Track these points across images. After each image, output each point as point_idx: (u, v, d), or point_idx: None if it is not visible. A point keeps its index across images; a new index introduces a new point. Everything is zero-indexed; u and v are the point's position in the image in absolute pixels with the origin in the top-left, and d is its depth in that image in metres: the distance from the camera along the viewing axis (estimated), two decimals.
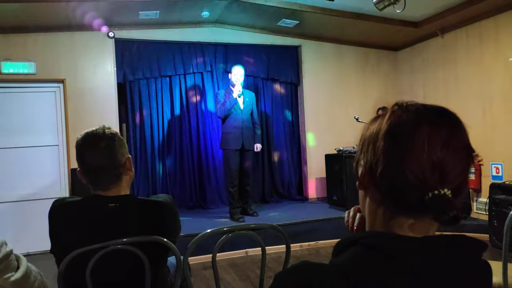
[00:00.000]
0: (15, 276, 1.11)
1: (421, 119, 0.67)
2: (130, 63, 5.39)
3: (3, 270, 1.10)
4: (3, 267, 1.10)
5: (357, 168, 0.75)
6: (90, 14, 4.59)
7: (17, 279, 1.11)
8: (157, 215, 1.54)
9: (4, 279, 1.09)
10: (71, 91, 4.96)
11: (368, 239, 0.66)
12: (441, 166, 0.64)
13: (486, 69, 4.90)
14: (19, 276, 1.12)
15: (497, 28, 4.74)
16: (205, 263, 3.89)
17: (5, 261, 1.11)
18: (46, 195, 4.69)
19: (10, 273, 1.11)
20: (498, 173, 4.70)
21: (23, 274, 1.13)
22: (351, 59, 6.35)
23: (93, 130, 1.51)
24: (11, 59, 4.71)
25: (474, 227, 4.56)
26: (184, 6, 4.83)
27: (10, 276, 1.10)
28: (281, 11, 5.05)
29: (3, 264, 1.10)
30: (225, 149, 5.00)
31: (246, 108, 5.00)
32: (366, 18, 5.13)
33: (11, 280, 1.10)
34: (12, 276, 1.11)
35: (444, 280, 0.63)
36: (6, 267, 1.11)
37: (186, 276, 1.54)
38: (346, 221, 0.89)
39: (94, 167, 1.47)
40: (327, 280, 0.61)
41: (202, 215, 5.33)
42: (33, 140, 4.81)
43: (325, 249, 4.36)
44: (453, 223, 0.63)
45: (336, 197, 5.50)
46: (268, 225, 1.70)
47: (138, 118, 5.57)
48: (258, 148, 5.15)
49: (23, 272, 1.14)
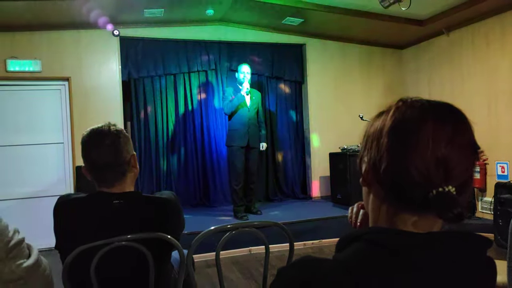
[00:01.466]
0: (27, 263, 1.13)
1: (425, 115, 0.66)
2: (135, 61, 5.41)
3: (15, 257, 1.12)
4: (16, 254, 1.12)
5: (361, 165, 0.75)
6: (95, 12, 4.61)
7: (29, 265, 1.13)
8: (161, 211, 1.54)
9: (17, 265, 1.11)
10: (76, 89, 4.98)
11: (371, 234, 0.66)
12: (446, 163, 0.64)
13: (492, 67, 4.86)
14: (30, 263, 1.14)
15: (503, 26, 4.70)
16: (208, 261, 3.89)
17: (18, 247, 1.13)
18: (51, 192, 4.71)
19: (22, 260, 1.13)
20: (503, 172, 4.67)
21: (34, 261, 1.16)
22: (355, 57, 6.32)
23: (99, 127, 1.51)
24: (17, 57, 4.74)
25: (479, 226, 4.53)
26: (189, 4, 4.83)
27: (22, 263, 1.12)
28: (286, 9, 5.04)
29: (16, 251, 1.12)
30: (230, 146, 5.03)
31: (252, 106, 5.03)
32: (371, 16, 5.11)
33: (23, 266, 1.12)
34: (24, 262, 1.13)
35: (447, 276, 0.63)
36: (19, 253, 1.13)
37: (190, 272, 1.55)
38: (350, 217, 0.89)
39: (99, 163, 1.48)
40: (330, 275, 0.61)
41: (206, 212, 5.34)
42: (39, 138, 4.84)
43: (328, 247, 4.35)
44: (457, 220, 0.63)
45: (340, 195, 5.49)
46: (272, 223, 1.70)
47: (142, 116, 5.59)
48: (263, 147, 5.18)
49: (35, 260, 1.16)
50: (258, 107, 5.14)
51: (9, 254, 1.10)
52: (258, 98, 5.17)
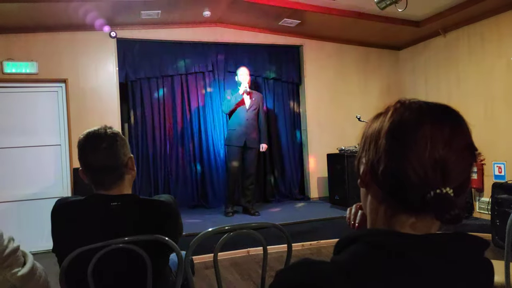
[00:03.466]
0: (22, 271, 1.12)
1: (423, 117, 0.66)
2: (132, 63, 5.40)
3: (11, 265, 1.11)
4: (11, 262, 1.11)
5: (359, 166, 0.75)
6: (92, 14, 4.59)
7: (23, 274, 1.12)
8: (159, 214, 1.54)
9: (12, 274, 1.10)
10: (73, 91, 4.97)
11: (369, 236, 0.66)
12: (443, 165, 0.64)
13: (488, 68, 4.88)
14: (25, 272, 1.13)
15: (499, 27, 4.72)
16: (206, 263, 3.89)
17: (13, 256, 1.12)
18: (48, 194, 4.70)
19: (17, 268, 1.12)
20: (500, 173, 4.69)
21: (29, 269, 1.15)
22: (352, 58, 6.34)
23: (95, 130, 1.51)
24: (13, 59, 4.72)
25: (476, 226, 4.55)
26: (186, 5, 4.83)
27: (17, 271, 1.11)
28: (283, 11, 5.05)
29: (11, 259, 1.11)
30: (228, 146, 5.15)
31: (252, 107, 5.08)
32: (367, 17, 5.12)
33: (18, 275, 1.11)
34: (19, 271, 1.12)
35: (445, 277, 0.63)
36: (14, 262, 1.12)
37: (188, 275, 1.55)
38: (348, 218, 0.89)
39: (96, 166, 1.47)
40: (328, 278, 0.61)
41: (204, 214, 5.32)
42: (35, 140, 4.82)
43: (326, 248, 4.35)
44: (455, 222, 0.63)
45: (338, 196, 5.49)
46: (270, 224, 1.70)
47: (140, 118, 5.58)
48: (263, 148, 5.22)
49: (30, 268, 1.15)
50: (258, 108, 5.17)
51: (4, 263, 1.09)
52: (259, 99, 5.23)
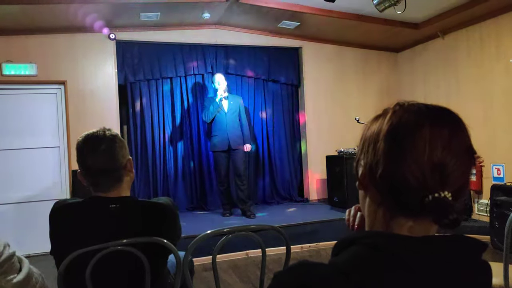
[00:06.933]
0: (17, 278, 1.11)
1: (422, 119, 0.66)
2: (131, 65, 5.40)
3: (6, 272, 1.10)
4: (6, 269, 1.10)
5: (357, 168, 0.74)
6: (91, 16, 4.60)
7: (19, 281, 1.11)
8: (158, 216, 1.54)
9: (7, 281, 1.09)
10: (72, 93, 4.96)
11: (368, 238, 0.66)
12: (442, 168, 0.64)
13: (487, 70, 4.89)
14: (21, 278, 1.12)
15: (497, 29, 4.74)
16: (205, 265, 3.88)
17: (8, 262, 1.11)
18: (47, 196, 4.68)
19: (12, 275, 1.11)
20: (499, 175, 4.69)
21: (25, 276, 1.13)
22: (351, 60, 6.35)
23: (94, 132, 1.50)
24: (12, 61, 4.71)
25: (475, 228, 4.55)
26: (185, 7, 4.83)
27: (12, 278, 1.10)
28: (282, 13, 5.05)
29: (6, 266, 1.10)
30: (213, 152, 5.24)
31: (230, 111, 5.16)
32: (366, 19, 5.13)
33: (13, 282, 1.10)
34: (14, 278, 1.11)
35: (443, 279, 0.62)
36: (9, 269, 1.11)
37: (186, 277, 1.54)
38: (347, 219, 0.89)
39: (95, 169, 1.47)
40: (327, 280, 0.61)
41: (203, 216, 5.32)
42: (34, 142, 4.81)
43: (325, 250, 4.35)
44: (453, 226, 0.63)
45: (337, 198, 5.49)
46: (268, 226, 1.70)
47: (139, 120, 5.57)
48: (247, 148, 5.27)
49: (25, 274, 1.14)
50: (238, 111, 5.25)
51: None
52: (237, 102, 5.29)
